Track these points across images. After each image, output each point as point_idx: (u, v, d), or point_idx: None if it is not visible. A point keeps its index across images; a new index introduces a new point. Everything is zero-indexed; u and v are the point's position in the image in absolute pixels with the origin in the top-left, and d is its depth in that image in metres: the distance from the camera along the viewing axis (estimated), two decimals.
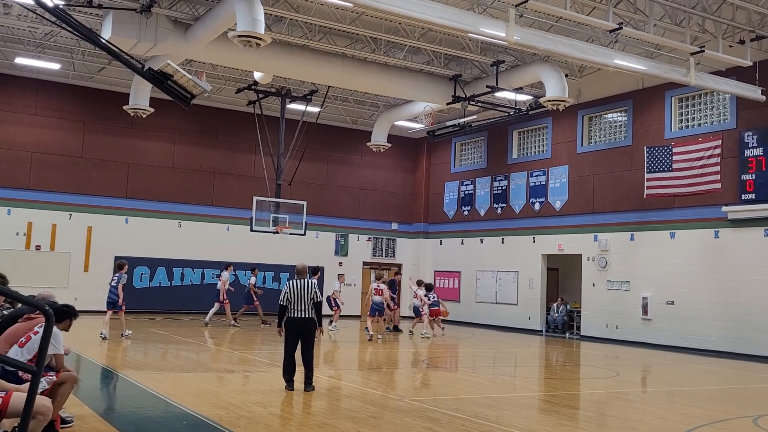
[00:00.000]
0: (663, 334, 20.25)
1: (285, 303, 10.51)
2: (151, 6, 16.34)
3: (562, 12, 14.60)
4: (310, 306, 10.47)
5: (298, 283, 10.51)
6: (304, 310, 10.43)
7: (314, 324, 10.58)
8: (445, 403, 10.05)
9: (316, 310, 10.57)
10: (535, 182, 25.16)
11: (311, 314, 10.50)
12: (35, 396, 4.27)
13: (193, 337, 18.04)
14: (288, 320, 10.50)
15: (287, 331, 10.52)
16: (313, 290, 10.51)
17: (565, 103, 18.83)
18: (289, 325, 10.50)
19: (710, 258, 19.38)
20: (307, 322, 10.48)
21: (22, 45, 21.96)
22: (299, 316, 10.45)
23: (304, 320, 10.46)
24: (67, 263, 23.98)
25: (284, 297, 10.52)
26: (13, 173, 23.43)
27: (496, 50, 20.42)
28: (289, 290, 10.47)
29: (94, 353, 14.02)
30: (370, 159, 29.27)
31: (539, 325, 24.33)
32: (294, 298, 10.44)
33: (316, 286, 10.68)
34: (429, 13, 13.78)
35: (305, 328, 10.49)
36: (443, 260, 28.79)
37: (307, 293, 10.46)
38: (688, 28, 16.42)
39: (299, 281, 10.54)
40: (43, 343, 4.29)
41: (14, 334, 6.58)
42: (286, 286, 10.58)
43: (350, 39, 20.13)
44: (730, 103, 19.56)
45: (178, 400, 9.34)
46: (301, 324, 10.46)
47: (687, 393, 12.36)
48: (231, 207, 26.39)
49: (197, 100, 11.84)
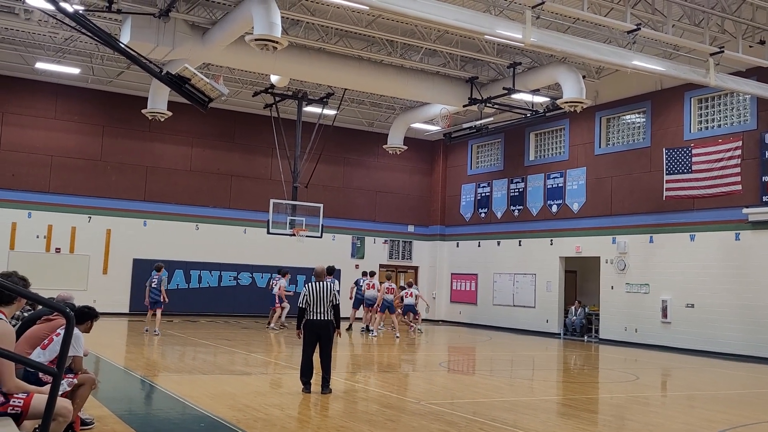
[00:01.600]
0: (683, 337, 20.07)
1: (304, 305, 10.55)
2: (169, 10, 16.46)
3: (579, 13, 14.53)
4: (329, 308, 10.53)
5: (317, 286, 10.55)
6: (322, 313, 10.47)
7: (333, 326, 10.64)
8: (463, 407, 10.01)
9: (335, 313, 10.64)
10: (553, 184, 25.04)
11: (330, 316, 10.56)
12: (56, 398, 4.30)
13: (211, 339, 18.11)
14: (307, 322, 10.54)
15: (306, 334, 10.55)
16: (331, 292, 10.55)
17: (582, 104, 18.73)
18: (307, 328, 10.53)
19: (731, 260, 19.18)
20: (326, 324, 10.53)
21: (42, 50, 22.19)
22: (318, 319, 10.49)
23: (323, 322, 10.50)
24: (86, 266, 24.17)
25: (303, 299, 10.56)
26: (33, 177, 23.67)
27: (513, 52, 20.35)
28: (308, 292, 10.50)
29: (112, 355, 14.11)
30: (386, 161, 29.28)
31: (557, 328, 24.19)
32: (313, 301, 10.48)
33: (335, 288, 10.74)
34: (445, 16, 13.76)
35: (324, 330, 10.53)
36: (460, 263, 28.71)
37: (326, 295, 10.50)
38: (707, 28, 16.28)
39: (318, 284, 10.59)
40: (64, 346, 4.31)
41: (35, 336, 6.63)
42: (305, 289, 10.61)
43: (366, 42, 20.15)
44: (750, 104, 19.37)
45: (195, 402, 9.38)
46: (320, 326, 10.50)
47: (708, 397, 12.23)
48: (248, 210, 26.49)
49: (214, 104, 11.88)
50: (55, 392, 4.27)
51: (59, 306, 4.47)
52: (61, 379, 4.34)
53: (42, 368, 5.53)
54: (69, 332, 4.32)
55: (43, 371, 5.88)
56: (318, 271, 10.84)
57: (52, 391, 4.26)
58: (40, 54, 22.34)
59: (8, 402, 5.19)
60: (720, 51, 16.25)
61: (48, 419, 4.25)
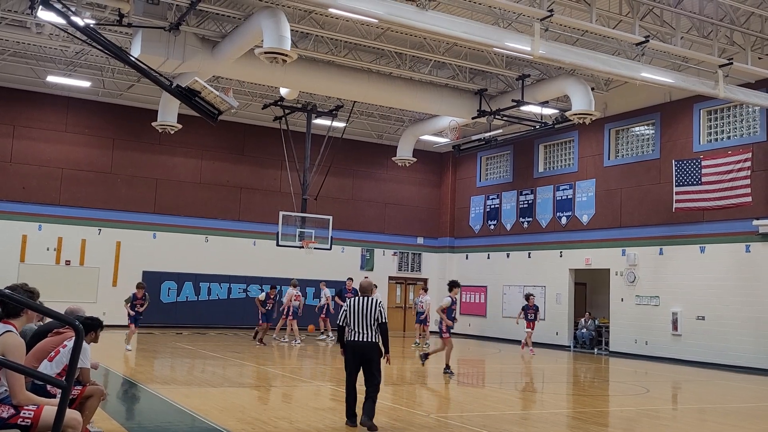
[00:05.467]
0: (693, 349, 19.93)
1: (343, 324, 9.22)
2: (179, 24, 16.58)
3: (587, 26, 14.56)
4: (374, 328, 9.01)
5: (359, 301, 9.10)
6: (364, 333, 8.98)
7: (378, 349, 9.07)
8: (473, 420, 9.97)
9: (381, 333, 9.09)
10: (562, 196, 25.00)
11: (374, 338, 9.03)
12: (65, 410, 4.31)
13: (220, 352, 18.12)
14: (348, 343, 9.16)
15: (346, 356, 9.19)
16: (377, 310, 9.03)
17: (591, 116, 18.71)
18: (348, 349, 9.15)
19: (741, 272, 19.07)
20: (369, 347, 9.00)
21: (53, 63, 22.38)
22: (359, 340, 9.00)
23: (365, 345, 8.98)
24: (96, 278, 24.26)
25: (342, 317, 9.21)
26: (44, 189, 23.82)
27: (522, 64, 20.39)
28: (348, 309, 9.13)
29: (121, 367, 14.13)
30: (395, 173, 29.31)
31: (567, 341, 24.08)
32: (353, 318, 9.02)
33: (381, 305, 9.21)
34: (454, 28, 13.81)
35: (366, 353, 9.01)
36: (469, 275, 28.65)
37: (370, 313, 9.01)
38: (716, 40, 16.27)
39: (361, 299, 9.16)
40: (73, 358, 4.33)
41: (43, 349, 6.65)
42: (346, 304, 9.32)
43: (375, 54, 20.23)
44: (760, 116, 19.31)
45: (204, 414, 9.37)
46: (361, 349, 9.01)
47: (719, 410, 12.13)
48: (257, 222, 26.55)
49: (224, 116, 11.94)
50: (64, 405, 4.28)
51: (67, 318, 4.48)
52: (70, 392, 4.35)
53: (51, 381, 5.55)
54: (78, 345, 4.33)
55: (52, 384, 5.89)
56: (364, 286, 9.60)
57: (61, 404, 4.27)
58: (51, 67, 22.54)
59: (19, 414, 5.22)
60: (729, 63, 16.23)
61: (57, 431, 4.26)
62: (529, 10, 14.16)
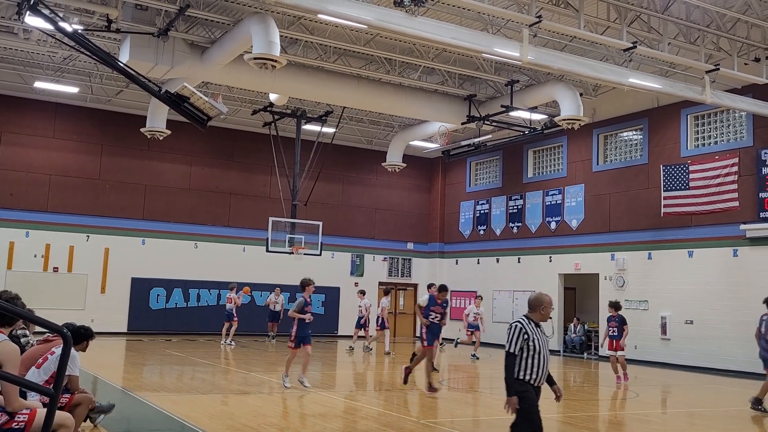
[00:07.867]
0: (682, 354, 20.01)
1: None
2: (168, 30, 16.55)
3: (575, 31, 14.63)
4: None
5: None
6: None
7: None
8: (463, 425, 9.96)
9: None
10: (551, 201, 25.07)
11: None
12: (53, 418, 4.29)
13: (210, 359, 18.03)
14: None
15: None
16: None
17: (580, 122, 18.80)
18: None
19: (729, 277, 19.18)
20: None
21: (41, 69, 22.28)
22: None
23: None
24: (84, 285, 24.11)
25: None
26: (31, 196, 23.66)
27: (511, 70, 20.46)
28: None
29: (110, 375, 14.03)
30: (385, 179, 29.32)
31: (557, 346, 24.11)
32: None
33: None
34: (443, 34, 13.85)
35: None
36: (459, 280, 28.66)
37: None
38: (702, 46, 16.39)
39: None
40: (61, 366, 4.31)
41: (31, 357, 6.61)
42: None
43: (365, 60, 20.25)
44: (746, 121, 19.45)
45: (194, 421, 9.32)
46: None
47: (708, 414, 12.18)
48: (247, 228, 26.48)
49: (213, 122, 11.92)
50: (52, 412, 4.26)
51: (56, 326, 4.45)
52: (58, 400, 4.33)
53: (39, 389, 5.51)
54: (66, 352, 4.31)
55: (40, 392, 5.85)
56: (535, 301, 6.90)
57: (49, 411, 4.26)
58: (38, 73, 22.43)
59: (13, 419, 5.27)
60: (716, 68, 16.35)
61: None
62: (518, 16, 14.22)
